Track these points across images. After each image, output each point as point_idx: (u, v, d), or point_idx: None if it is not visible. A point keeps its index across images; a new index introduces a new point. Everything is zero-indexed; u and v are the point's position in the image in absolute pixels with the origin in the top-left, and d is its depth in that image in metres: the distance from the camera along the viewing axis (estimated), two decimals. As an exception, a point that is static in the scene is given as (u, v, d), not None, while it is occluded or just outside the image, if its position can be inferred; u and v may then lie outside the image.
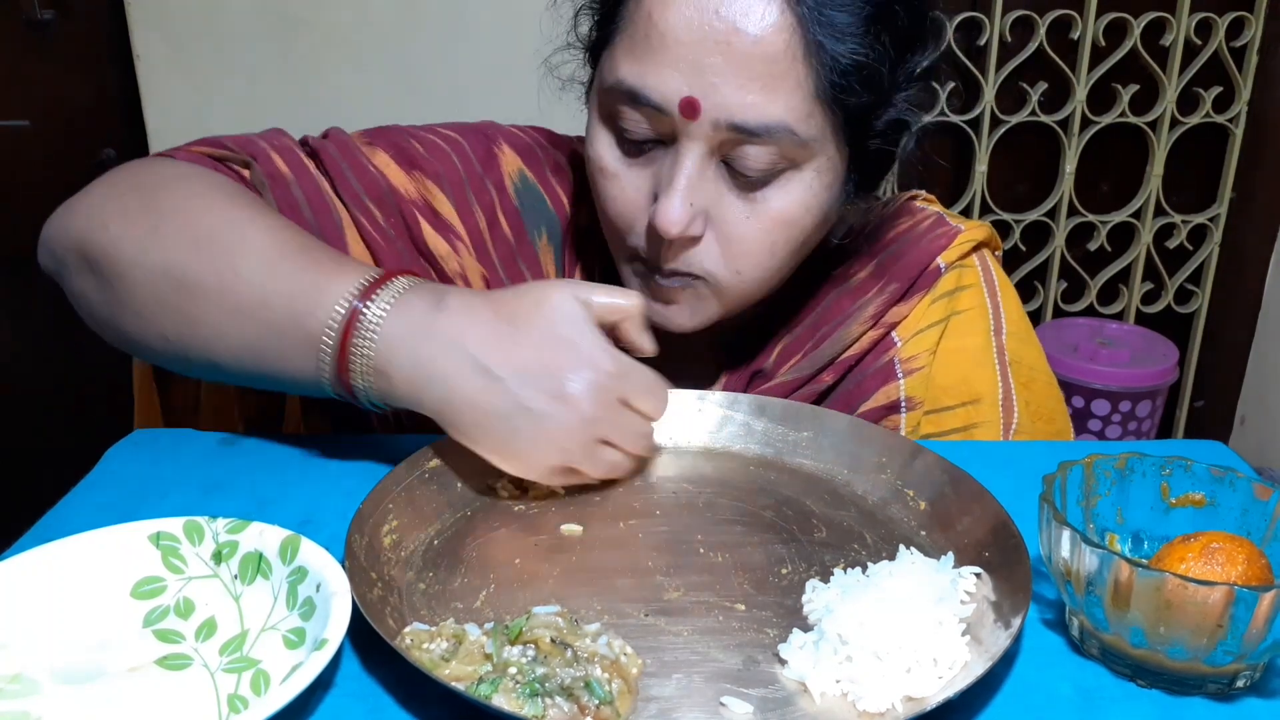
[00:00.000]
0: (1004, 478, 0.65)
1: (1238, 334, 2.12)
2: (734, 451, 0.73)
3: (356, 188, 0.78)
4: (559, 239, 0.84)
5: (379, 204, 0.78)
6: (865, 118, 0.70)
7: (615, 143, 0.72)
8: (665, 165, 0.70)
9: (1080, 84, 1.88)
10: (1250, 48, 1.90)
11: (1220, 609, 0.48)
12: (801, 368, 0.81)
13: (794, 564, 0.61)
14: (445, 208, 0.80)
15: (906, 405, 0.81)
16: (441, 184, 0.80)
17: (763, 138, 0.67)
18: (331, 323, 0.62)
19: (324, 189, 0.78)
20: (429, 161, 0.81)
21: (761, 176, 0.69)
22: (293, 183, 0.76)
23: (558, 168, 0.86)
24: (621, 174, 0.72)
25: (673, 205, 0.68)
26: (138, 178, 0.71)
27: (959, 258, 0.84)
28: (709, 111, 0.66)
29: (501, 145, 0.84)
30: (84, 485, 0.68)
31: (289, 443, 0.74)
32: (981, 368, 0.83)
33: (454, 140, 0.83)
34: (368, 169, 0.79)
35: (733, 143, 0.68)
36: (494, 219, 0.82)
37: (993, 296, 0.85)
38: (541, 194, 0.84)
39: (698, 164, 0.69)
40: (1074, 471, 0.58)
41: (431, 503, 0.64)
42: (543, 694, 0.47)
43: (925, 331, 0.82)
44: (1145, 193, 1.98)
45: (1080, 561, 0.52)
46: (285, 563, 0.55)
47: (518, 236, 0.83)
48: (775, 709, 0.50)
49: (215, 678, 0.52)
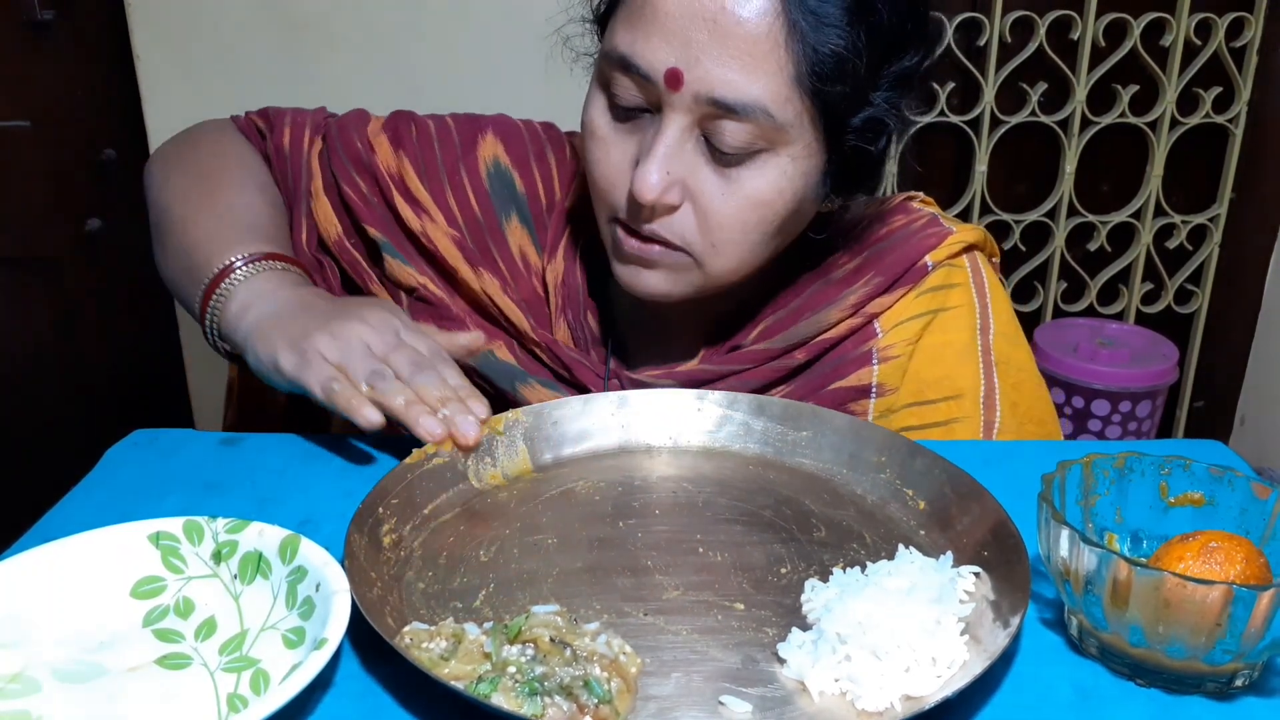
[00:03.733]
0: (1003, 477, 0.66)
1: (1238, 334, 2.12)
2: (733, 451, 0.73)
3: (344, 159, 0.89)
4: (529, 219, 0.90)
5: (361, 173, 0.89)
6: (842, 112, 0.73)
7: (607, 108, 0.76)
8: (649, 133, 0.74)
9: (1080, 84, 1.87)
10: (1250, 48, 1.90)
11: (1219, 608, 0.48)
12: (774, 342, 0.83)
13: (793, 563, 0.61)
14: (415, 185, 0.88)
15: (877, 391, 0.83)
16: (416, 165, 0.89)
17: (740, 115, 0.70)
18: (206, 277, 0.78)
19: (312, 167, 0.90)
20: (413, 145, 0.90)
21: (738, 154, 0.72)
22: (287, 158, 0.91)
23: (541, 155, 0.91)
24: (609, 138, 0.76)
25: (650, 171, 0.72)
26: (191, 135, 0.94)
27: (948, 257, 0.85)
28: (691, 84, 0.70)
29: (487, 134, 0.92)
30: (84, 485, 0.69)
31: (289, 443, 0.74)
32: (965, 364, 0.84)
33: (445, 127, 0.92)
34: (358, 145, 0.90)
35: (712, 117, 0.71)
36: (464, 198, 0.89)
37: (981, 297, 0.86)
38: (513, 178, 0.90)
39: (678, 135, 0.72)
40: (1073, 471, 0.58)
41: (431, 502, 0.65)
42: (542, 693, 0.47)
43: (907, 323, 0.84)
44: (1145, 193, 1.98)
45: (1079, 561, 0.52)
46: (285, 562, 0.56)
47: (486, 215, 0.90)
48: (774, 708, 0.50)
49: (215, 677, 0.52)
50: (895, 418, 0.83)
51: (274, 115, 0.94)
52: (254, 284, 0.77)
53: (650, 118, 0.74)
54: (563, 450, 0.72)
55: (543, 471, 0.70)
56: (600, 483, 0.69)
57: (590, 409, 0.74)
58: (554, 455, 0.72)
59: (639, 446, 0.73)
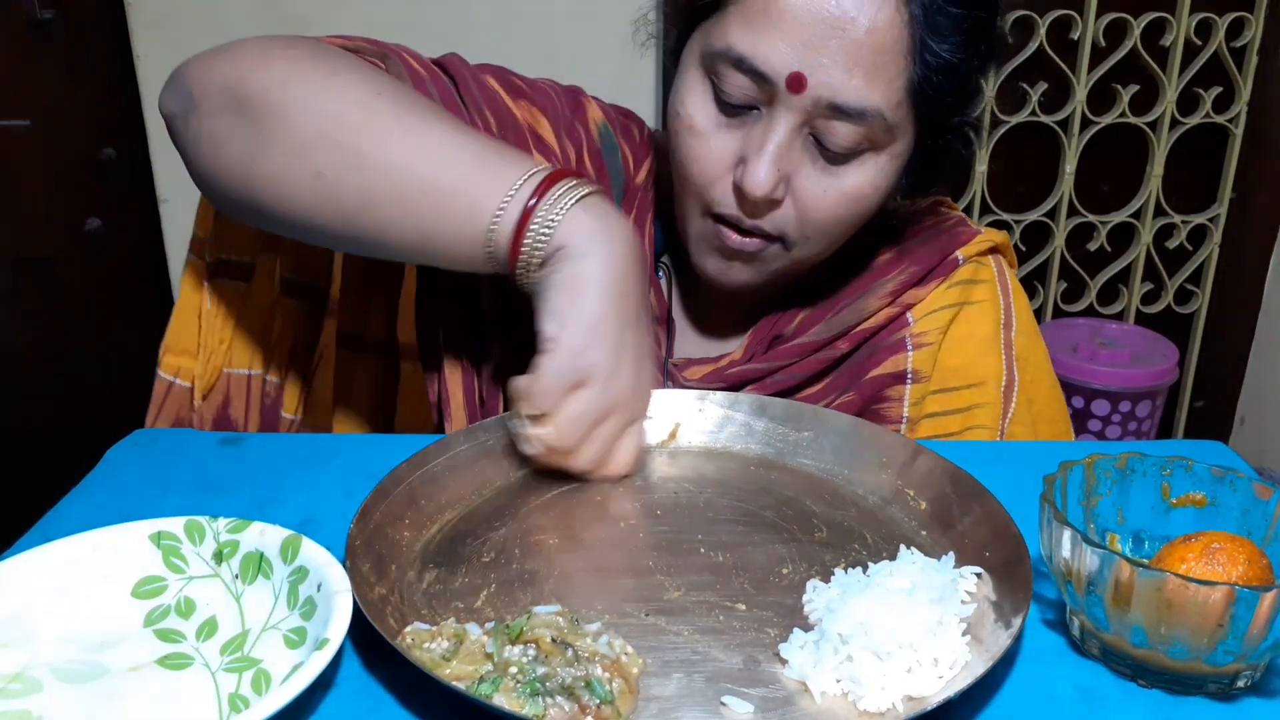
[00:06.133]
0: (1004, 478, 0.65)
1: (1238, 334, 2.12)
2: (734, 451, 0.73)
3: (478, 96, 0.81)
4: (622, 188, 0.89)
5: (495, 115, 0.82)
6: (942, 115, 0.77)
7: (710, 102, 0.76)
8: (756, 130, 0.74)
9: (1080, 84, 1.88)
10: (1250, 48, 1.90)
11: (1221, 609, 0.48)
12: (818, 331, 0.85)
13: (795, 564, 0.61)
14: (547, 133, 0.85)
15: (912, 377, 0.85)
16: (546, 113, 0.85)
17: (855, 119, 0.72)
18: (501, 223, 0.66)
19: (453, 93, 0.81)
20: (532, 94, 0.86)
21: (844, 153, 0.74)
22: (428, 81, 0.80)
23: (626, 130, 0.91)
24: (711, 133, 0.76)
25: (761, 168, 0.73)
26: (292, 42, 0.74)
27: (977, 254, 0.89)
28: (813, 89, 0.71)
29: (587, 99, 0.90)
30: (84, 485, 0.68)
31: (289, 443, 0.74)
32: (988, 355, 0.87)
33: (550, 84, 0.89)
34: (486, 84, 0.83)
35: (825, 119, 0.73)
36: (581, 155, 0.87)
37: (1005, 295, 0.89)
38: (616, 144, 0.89)
39: (789, 133, 0.73)
40: (1074, 471, 0.58)
41: (432, 502, 0.64)
42: (543, 693, 0.47)
43: (938, 312, 0.86)
44: (1145, 193, 1.98)
45: (1081, 561, 0.52)
46: (286, 562, 0.55)
47: (600, 176, 0.87)
48: (776, 709, 0.50)
49: (216, 677, 0.52)
50: (923, 405, 0.86)
51: (375, 43, 0.82)
52: (574, 221, 0.66)
53: (757, 114, 0.74)
54: (564, 450, 0.72)
55: (545, 476, 0.70)
56: (601, 483, 0.69)
57: (591, 409, 0.74)
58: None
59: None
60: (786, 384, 0.84)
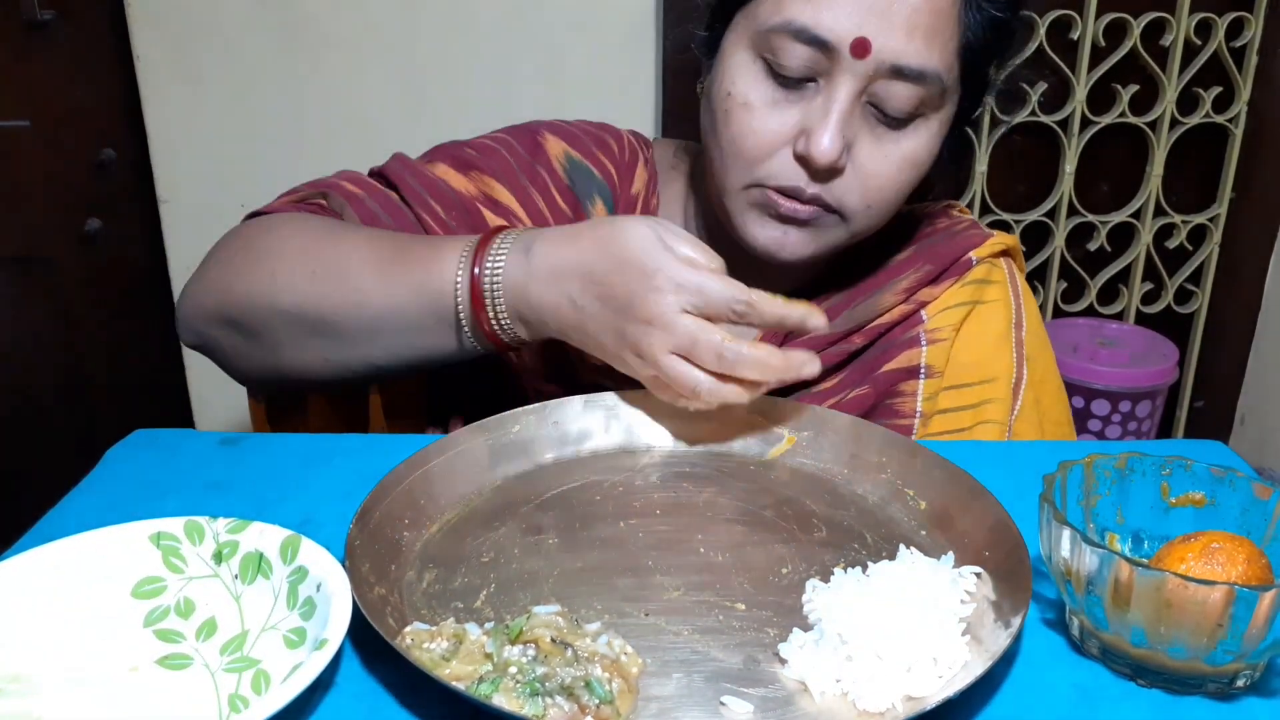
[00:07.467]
0: (1004, 478, 0.66)
1: (1238, 334, 2.12)
2: (735, 451, 0.73)
3: (420, 190, 0.86)
4: (611, 202, 0.89)
5: (441, 202, 0.86)
6: (985, 77, 0.81)
7: (765, 77, 0.77)
8: (817, 101, 0.76)
9: (1080, 84, 1.87)
10: (1250, 48, 1.90)
11: (1220, 608, 0.48)
12: (834, 325, 0.86)
13: (794, 563, 0.61)
14: (503, 196, 0.87)
15: (926, 372, 0.87)
16: (498, 176, 0.88)
17: (915, 81, 0.74)
18: (460, 302, 0.72)
19: (393, 198, 0.86)
20: (483, 161, 0.88)
21: (903, 118, 0.76)
22: (365, 198, 0.85)
23: (602, 144, 0.92)
24: (766, 107, 0.77)
25: (826, 135, 0.74)
26: (238, 240, 0.81)
27: (989, 255, 0.90)
28: (877, 53, 0.73)
29: (545, 136, 0.91)
30: (84, 485, 0.69)
31: (289, 443, 0.74)
32: (999, 352, 0.89)
33: (501, 139, 0.91)
34: (428, 175, 0.87)
35: (885, 83, 0.74)
36: (550, 197, 0.89)
37: (1016, 296, 0.92)
38: (589, 168, 0.90)
39: (850, 100, 0.75)
40: (1074, 471, 0.58)
41: (431, 502, 0.64)
42: (543, 693, 0.47)
43: (952, 309, 0.88)
44: (1145, 193, 1.98)
45: (1080, 561, 0.52)
46: (286, 563, 0.55)
47: (574, 208, 0.89)
48: (775, 708, 0.50)
49: (216, 677, 0.52)
50: (936, 400, 0.87)
51: (315, 183, 0.87)
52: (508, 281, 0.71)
53: (814, 87, 0.76)
54: (563, 450, 0.72)
55: (545, 476, 0.70)
56: (601, 483, 0.69)
57: (590, 409, 0.74)
58: (554, 455, 0.72)
59: (639, 446, 0.73)
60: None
